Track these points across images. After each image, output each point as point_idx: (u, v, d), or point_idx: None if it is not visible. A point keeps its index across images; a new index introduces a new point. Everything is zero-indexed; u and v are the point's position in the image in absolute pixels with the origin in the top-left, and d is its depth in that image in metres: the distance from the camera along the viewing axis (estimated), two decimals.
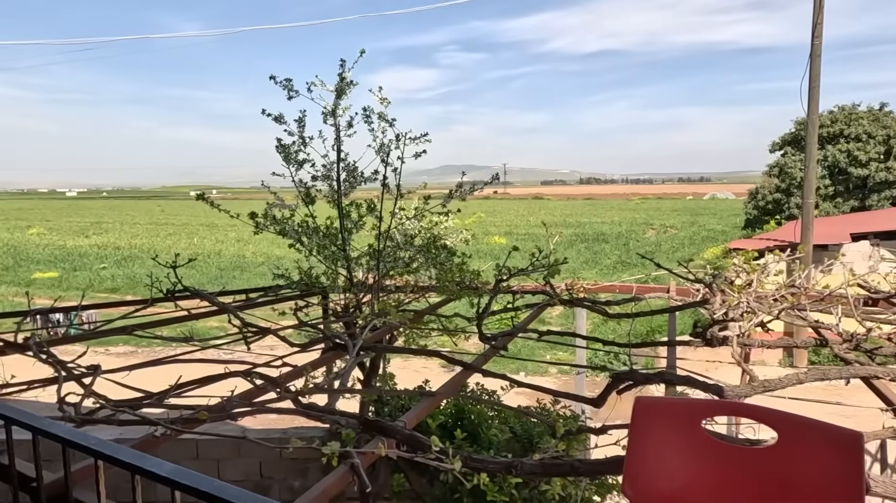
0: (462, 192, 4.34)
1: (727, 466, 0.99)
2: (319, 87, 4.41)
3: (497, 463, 1.82)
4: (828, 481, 1.00)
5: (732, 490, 0.98)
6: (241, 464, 5.99)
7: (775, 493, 1.01)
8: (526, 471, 1.74)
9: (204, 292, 4.32)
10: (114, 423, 2.28)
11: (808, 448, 0.99)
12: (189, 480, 1.27)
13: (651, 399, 1.09)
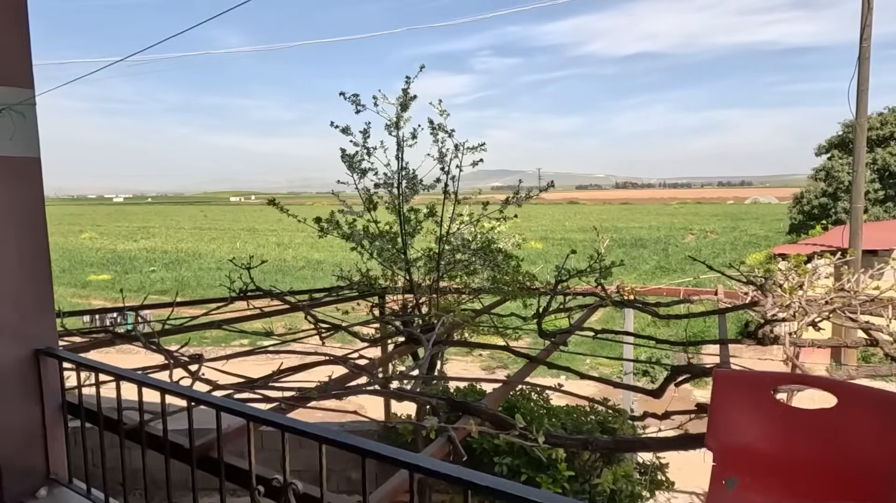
0: (518, 199, 4.59)
1: (792, 425, 1.22)
2: (382, 100, 4.73)
3: (573, 439, 2.05)
4: (880, 439, 1.20)
5: (796, 444, 1.21)
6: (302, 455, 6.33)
7: (833, 448, 1.22)
8: (601, 446, 1.97)
9: (276, 291, 4.67)
10: None
11: (862, 410, 1.20)
12: (333, 435, 1.55)
13: (729, 371, 1.32)
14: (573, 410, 5.38)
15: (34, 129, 2.38)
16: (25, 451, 2.44)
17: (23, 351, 2.39)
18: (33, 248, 2.43)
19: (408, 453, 1.43)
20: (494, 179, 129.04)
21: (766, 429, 1.22)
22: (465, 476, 1.29)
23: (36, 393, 2.43)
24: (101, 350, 3.81)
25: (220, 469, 1.86)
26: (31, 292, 2.43)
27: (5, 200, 2.32)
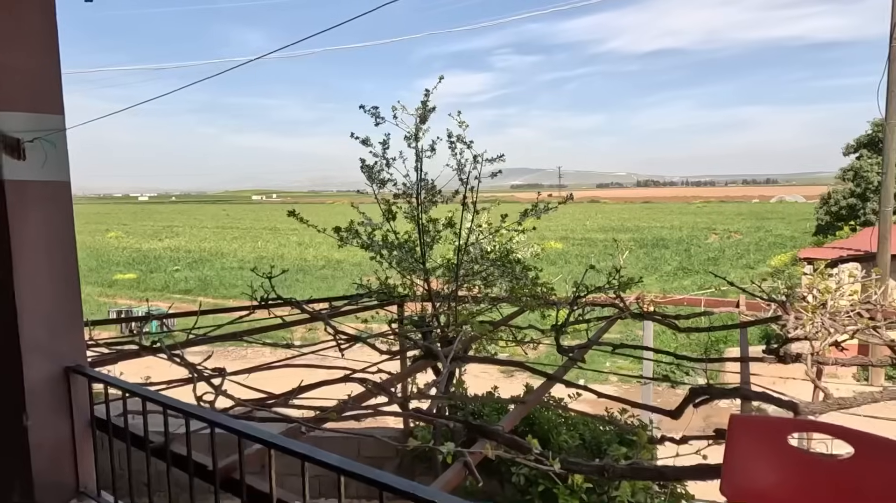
0: (537, 211, 4.59)
1: (809, 474, 1.21)
2: (401, 112, 4.76)
3: (591, 466, 2.06)
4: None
5: (812, 493, 1.21)
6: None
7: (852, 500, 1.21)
8: (617, 474, 1.97)
9: (295, 301, 4.73)
10: (254, 420, 2.65)
11: (882, 464, 1.19)
12: (352, 468, 1.58)
13: (745, 416, 1.32)
14: (590, 421, 5.36)
15: (65, 154, 2.45)
16: (56, 465, 2.52)
17: (53, 368, 2.47)
18: (64, 269, 2.51)
19: (424, 488, 1.45)
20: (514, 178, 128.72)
21: (784, 476, 1.22)
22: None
23: (66, 409, 2.51)
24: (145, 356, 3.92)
25: (241, 492, 1.90)
26: (62, 311, 2.51)
27: (37, 223, 2.40)
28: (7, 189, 2.29)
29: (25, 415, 2.41)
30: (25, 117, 2.31)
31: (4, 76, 2.28)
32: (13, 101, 2.30)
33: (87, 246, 43.84)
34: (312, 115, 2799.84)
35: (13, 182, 2.31)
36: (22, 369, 2.39)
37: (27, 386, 2.40)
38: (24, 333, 2.38)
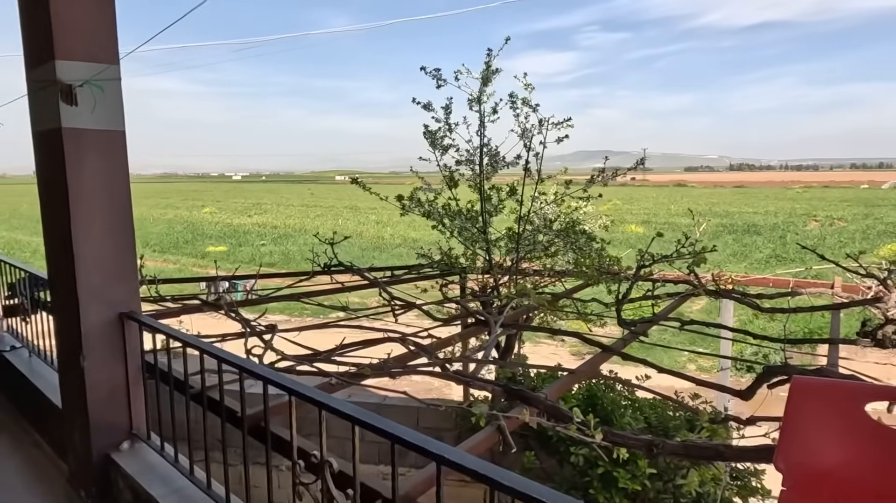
0: (604, 177, 4.31)
1: (888, 449, 0.98)
2: (465, 76, 4.59)
3: (637, 439, 1.87)
4: None
5: (892, 473, 0.98)
6: None
7: None
8: (668, 451, 1.77)
9: (356, 267, 4.73)
10: (292, 373, 2.64)
11: None
12: (366, 417, 1.48)
13: (811, 379, 1.10)
14: (659, 404, 5.04)
15: (118, 103, 2.50)
16: (111, 407, 2.62)
17: (108, 313, 2.55)
18: (119, 218, 2.57)
19: (437, 443, 1.33)
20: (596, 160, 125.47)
21: (855, 452, 1.00)
22: (489, 474, 1.17)
23: (120, 353, 2.60)
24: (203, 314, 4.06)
25: (266, 439, 1.87)
26: (117, 259, 2.58)
27: (93, 172, 2.46)
28: (64, 136, 2.36)
29: (82, 356, 2.51)
30: (82, 66, 2.36)
31: (62, 27, 2.33)
32: (70, 50, 2.35)
33: (185, 220, 46.88)
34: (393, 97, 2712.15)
35: (69, 129, 2.37)
36: (79, 313, 2.48)
37: (84, 329, 2.49)
38: (80, 278, 2.46)
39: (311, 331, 3.58)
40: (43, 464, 3.20)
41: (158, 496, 2.26)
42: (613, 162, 4.83)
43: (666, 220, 41.13)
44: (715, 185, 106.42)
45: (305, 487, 1.67)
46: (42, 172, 2.59)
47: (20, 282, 4.04)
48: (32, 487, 2.99)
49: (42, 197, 2.62)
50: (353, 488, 1.54)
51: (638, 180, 4.74)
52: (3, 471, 3.15)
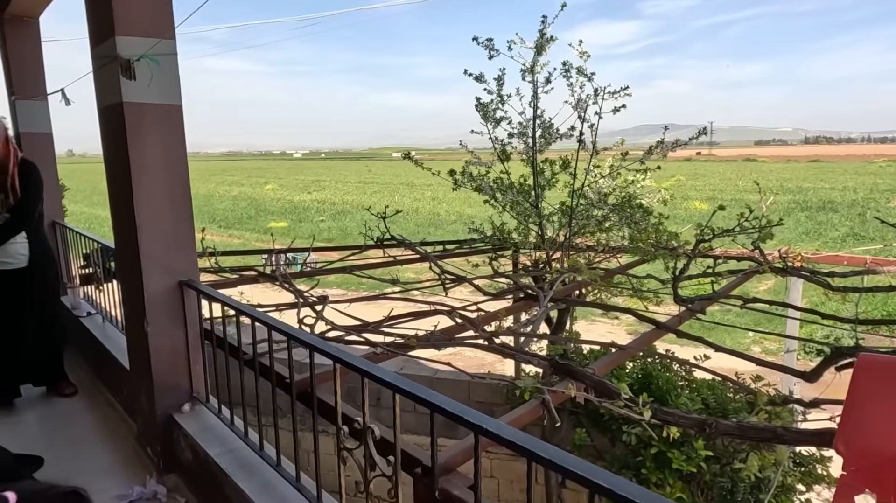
0: (663, 149, 4.12)
1: None
2: (519, 45, 4.47)
3: (689, 418, 1.79)
4: None
5: None
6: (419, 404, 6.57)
7: None
8: (721, 430, 1.69)
9: (408, 241, 4.75)
10: (341, 343, 2.69)
11: None
12: (407, 386, 1.48)
13: (878, 356, 1.01)
14: (718, 386, 4.87)
15: (174, 77, 2.57)
16: (173, 370, 2.75)
17: (169, 281, 2.67)
18: (177, 191, 2.67)
19: (476, 413, 1.32)
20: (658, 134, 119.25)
21: None
22: (526, 444, 1.15)
23: (180, 320, 2.72)
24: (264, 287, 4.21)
25: (313, 404, 1.92)
26: (176, 229, 2.68)
27: (153, 144, 2.55)
28: (125, 110, 2.46)
29: (146, 321, 2.64)
30: (139, 41, 2.44)
31: (121, 3, 2.41)
32: (129, 26, 2.42)
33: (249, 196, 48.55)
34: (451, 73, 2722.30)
35: (130, 104, 2.46)
36: (142, 280, 2.61)
37: (147, 296, 2.62)
38: (142, 247, 2.58)
39: (362, 304, 3.63)
40: (115, 422, 3.42)
41: (215, 456, 2.36)
42: (677, 136, 4.62)
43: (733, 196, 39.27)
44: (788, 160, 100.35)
45: (349, 452, 1.71)
46: (106, 146, 2.71)
47: (93, 252, 4.29)
48: (106, 443, 3.20)
49: (107, 170, 2.75)
50: (394, 455, 1.55)
51: (703, 154, 4.52)
52: (80, 428, 3.38)
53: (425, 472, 1.55)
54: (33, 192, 3.38)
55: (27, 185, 3.34)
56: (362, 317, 3.31)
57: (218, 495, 2.33)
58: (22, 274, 3.42)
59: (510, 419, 1.83)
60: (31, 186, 3.36)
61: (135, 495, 2.66)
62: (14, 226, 3.32)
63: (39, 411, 3.59)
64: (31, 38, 4.86)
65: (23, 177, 3.32)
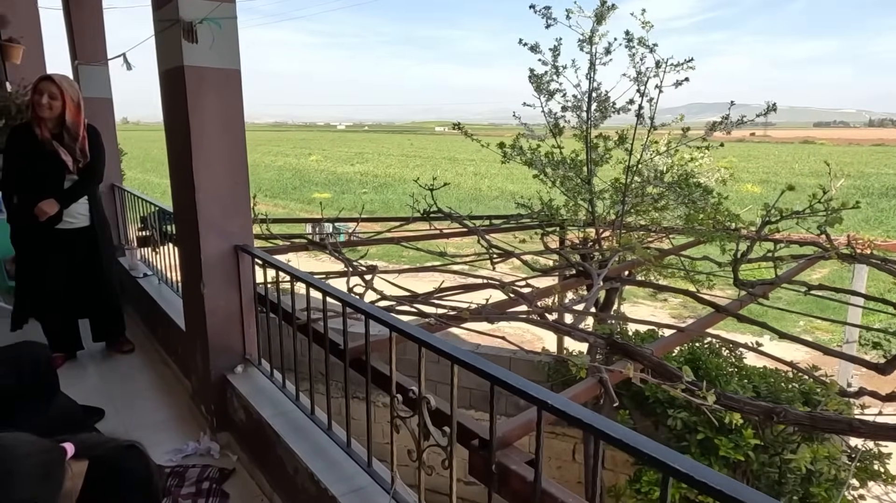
0: (727, 126, 3.93)
1: None
2: (577, 14, 4.31)
3: (755, 405, 1.72)
4: None
5: None
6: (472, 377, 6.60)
7: None
8: (790, 419, 1.61)
9: (455, 214, 4.71)
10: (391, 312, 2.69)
11: None
12: (466, 357, 1.46)
13: None
14: (771, 374, 4.71)
15: (234, 42, 2.57)
16: (227, 333, 2.81)
17: (225, 245, 2.71)
18: (234, 155, 2.69)
19: (539, 388, 1.28)
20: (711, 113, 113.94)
21: None
22: (594, 422, 1.11)
23: (235, 283, 2.76)
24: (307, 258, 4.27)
25: (366, 372, 1.92)
26: (233, 195, 2.71)
27: (212, 109, 2.57)
28: (186, 74, 2.47)
29: (202, 283, 2.69)
30: (201, 3, 2.43)
31: None
32: None
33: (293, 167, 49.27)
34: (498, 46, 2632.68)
35: (191, 67, 2.47)
36: (199, 243, 2.66)
37: (203, 258, 2.67)
38: (200, 211, 2.62)
39: (408, 277, 3.63)
40: (170, 381, 3.55)
41: (267, 417, 2.41)
42: (733, 115, 4.40)
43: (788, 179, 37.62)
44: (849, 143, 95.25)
45: (403, 421, 1.70)
46: (167, 110, 2.74)
47: (150, 215, 4.41)
48: (162, 400, 3.32)
49: (167, 133, 2.79)
50: (450, 426, 1.54)
51: (758, 135, 4.27)
52: (138, 383, 3.52)
53: (482, 445, 1.54)
54: (100, 157, 3.49)
55: (95, 149, 3.44)
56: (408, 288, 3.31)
57: (269, 454, 2.39)
58: (84, 233, 3.55)
59: (568, 396, 1.79)
60: (98, 151, 3.46)
61: (190, 450, 2.75)
62: (83, 188, 3.44)
63: (100, 366, 3.75)
64: (94, 4, 4.97)
65: (91, 141, 3.42)
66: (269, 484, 2.43)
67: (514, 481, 1.47)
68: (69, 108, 3.28)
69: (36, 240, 3.40)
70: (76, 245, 3.53)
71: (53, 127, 3.29)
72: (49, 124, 3.28)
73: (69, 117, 3.29)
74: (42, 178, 3.31)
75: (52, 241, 3.42)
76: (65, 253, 3.50)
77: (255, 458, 2.58)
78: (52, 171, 3.33)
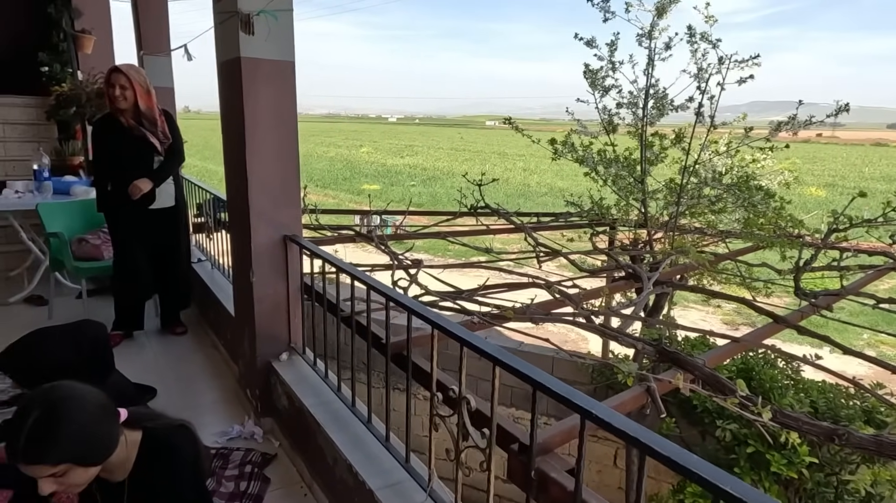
0: (794, 126, 3.73)
1: None
2: (637, 7, 4.18)
3: (815, 425, 1.62)
4: None
5: None
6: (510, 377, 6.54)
7: None
8: (853, 443, 1.51)
9: (503, 210, 4.66)
10: (434, 308, 2.68)
11: None
12: (509, 360, 1.43)
13: None
14: (830, 389, 4.47)
15: (290, 34, 2.60)
16: (273, 321, 2.86)
17: (274, 235, 2.76)
18: (286, 147, 2.73)
19: (583, 397, 1.24)
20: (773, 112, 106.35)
21: None
22: (640, 436, 1.06)
23: (283, 273, 2.81)
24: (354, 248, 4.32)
25: (407, 368, 1.91)
26: (284, 186, 2.75)
27: (266, 100, 2.61)
28: (242, 65, 2.52)
29: (252, 271, 2.75)
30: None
31: None
32: None
33: (344, 158, 50.04)
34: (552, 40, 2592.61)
35: (247, 59, 2.52)
36: (250, 232, 2.71)
37: (253, 247, 2.72)
38: (252, 200, 2.67)
39: (453, 272, 3.61)
40: (219, 364, 3.65)
41: (309, 405, 2.44)
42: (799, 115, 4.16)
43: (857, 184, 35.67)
44: None
45: (442, 419, 1.68)
46: (223, 101, 2.80)
47: (206, 202, 4.55)
48: (210, 382, 3.42)
49: (223, 124, 2.85)
50: (490, 428, 1.51)
51: (825, 136, 4.02)
52: (189, 365, 3.64)
53: (521, 450, 1.50)
54: (180, 138, 3.67)
55: (174, 131, 3.61)
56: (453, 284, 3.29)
57: (310, 443, 2.42)
58: (170, 212, 3.71)
59: (613, 405, 1.74)
60: (177, 133, 3.65)
61: (234, 433, 2.82)
62: (171, 166, 3.63)
63: (154, 346, 3.89)
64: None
65: (169, 123, 3.58)
66: (309, 472, 2.47)
67: (554, 489, 1.43)
68: (140, 96, 3.43)
69: (131, 220, 3.58)
70: (162, 224, 3.70)
71: (133, 115, 3.45)
72: (128, 113, 3.44)
73: (142, 104, 3.44)
74: (135, 161, 3.48)
75: (144, 220, 3.60)
76: (152, 232, 3.67)
77: (297, 445, 2.63)
78: (142, 154, 3.50)
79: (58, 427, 1.23)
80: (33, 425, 1.21)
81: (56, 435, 1.22)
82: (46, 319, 4.26)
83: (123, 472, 1.44)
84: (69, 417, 1.25)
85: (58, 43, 6.83)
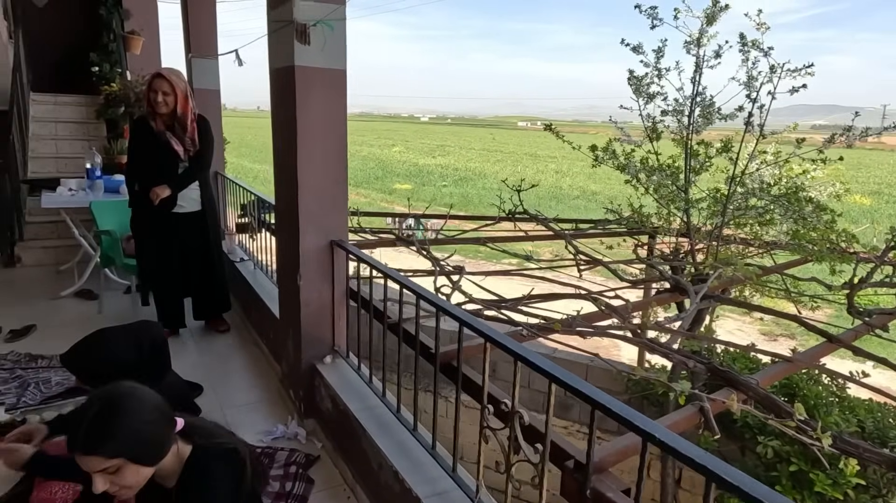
0: (850, 138, 3.63)
1: None
2: (685, 14, 4.11)
3: (878, 454, 1.57)
4: None
5: None
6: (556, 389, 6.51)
7: None
8: None
9: (542, 216, 4.64)
10: (478, 317, 2.69)
11: None
12: (565, 377, 1.43)
13: None
14: (878, 408, 4.34)
15: (342, 42, 2.63)
16: (319, 324, 2.91)
17: (321, 240, 2.80)
18: (335, 154, 2.77)
19: (644, 418, 1.23)
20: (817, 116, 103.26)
21: None
22: (710, 465, 1.05)
23: (329, 277, 2.85)
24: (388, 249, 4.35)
25: (457, 379, 1.92)
26: (331, 191, 2.79)
27: (317, 108, 2.66)
28: (296, 74, 2.56)
29: (299, 275, 2.80)
30: (315, 6, 2.51)
31: None
32: None
33: (377, 157, 50.42)
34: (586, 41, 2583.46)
35: (301, 67, 2.56)
36: (299, 236, 2.76)
37: (301, 251, 2.77)
38: (301, 205, 2.72)
39: (491, 277, 3.61)
40: (261, 363, 3.72)
41: (354, 409, 2.47)
42: (840, 118, 4.03)
43: None
44: None
45: (493, 432, 1.69)
46: (275, 107, 2.86)
47: (250, 203, 4.64)
48: (254, 380, 3.49)
49: (274, 130, 2.91)
50: (543, 444, 1.51)
51: (871, 142, 3.92)
52: (233, 363, 3.72)
53: (577, 468, 1.50)
54: (209, 145, 3.72)
55: (204, 138, 3.66)
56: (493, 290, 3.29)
57: (354, 446, 2.45)
58: (195, 217, 3.80)
59: (666, 425, 1.72)
60: (207, 140, 3.69)
61: (278, 433, 2.88)
62: (193, 174, 3.68)
63: (199, 343, 3.99)
64: (208, 1, 5.26)
65: (200, 130, 3.64)
66: (353, 475, 2.50)
67: None
68: (180, 101, 3.52)
69: (152, 223, 3.68)
70: (188, 228, 3.78)
71: (168, 119, 3.55)
72: (164, 118, 3.53)
73: (179, 109, 3.53)
74: (159, 166, 3.57)
75: (166, 224, 3.69)
76: (177, 236, 3.76)
77: (340, 448, 2.66)
78: (166, 160, 3.58)
79: (116, 421, 1.28)
80: (94, 418, 1.26)
81: (113, 428, 1.27)
82: (96, 313, 4.41)
83: (173, 482, 1.45)
84: (128, 414, 1.30)
85: (108, 43, 7.07)
